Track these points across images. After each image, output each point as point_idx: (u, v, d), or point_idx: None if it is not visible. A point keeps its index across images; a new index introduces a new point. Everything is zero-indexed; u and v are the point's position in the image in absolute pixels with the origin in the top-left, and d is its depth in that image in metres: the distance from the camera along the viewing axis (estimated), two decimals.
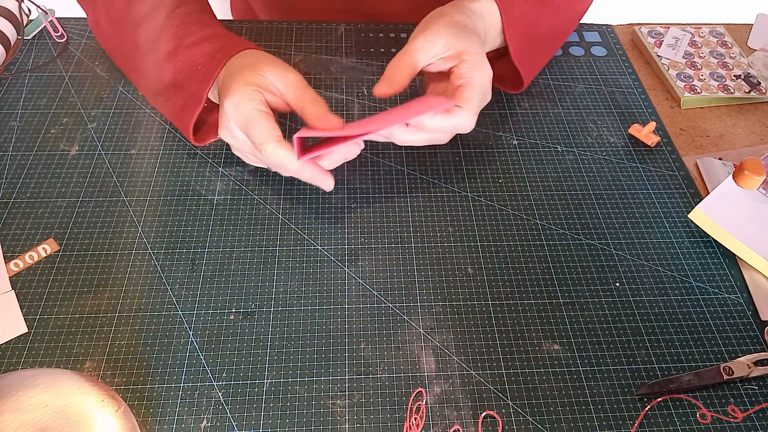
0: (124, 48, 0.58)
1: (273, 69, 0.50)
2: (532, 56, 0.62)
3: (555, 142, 0.62)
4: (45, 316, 0.47)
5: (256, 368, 0.45)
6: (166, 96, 0.55)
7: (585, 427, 0.43)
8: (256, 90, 0.49)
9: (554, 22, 0.63)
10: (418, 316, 0.48)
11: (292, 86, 0.50)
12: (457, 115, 0.51)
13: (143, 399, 0.43)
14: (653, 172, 0.60)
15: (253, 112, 0.48)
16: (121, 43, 0.58)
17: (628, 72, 0.70)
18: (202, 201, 0.55)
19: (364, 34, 0.73)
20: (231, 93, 0.49)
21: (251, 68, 0.50)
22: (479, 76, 0.52)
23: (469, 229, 0.54)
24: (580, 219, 0.56)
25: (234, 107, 0.48)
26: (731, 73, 0.69)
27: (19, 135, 0.59)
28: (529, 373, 0.46)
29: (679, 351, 0.47)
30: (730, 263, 0.53)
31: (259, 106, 0.48)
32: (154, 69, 0.55)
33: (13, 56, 0.67)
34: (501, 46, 0.60)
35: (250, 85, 0.49)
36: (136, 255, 0.51)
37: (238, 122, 0.49)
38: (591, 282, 0.51)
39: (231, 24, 0.73)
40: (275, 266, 0.51)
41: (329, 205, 0.56)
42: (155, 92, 0.57)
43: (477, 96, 0.51)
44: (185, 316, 0.48)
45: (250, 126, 0.48)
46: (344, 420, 0.43)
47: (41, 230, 0.52)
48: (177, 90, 0.54)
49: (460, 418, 0.43)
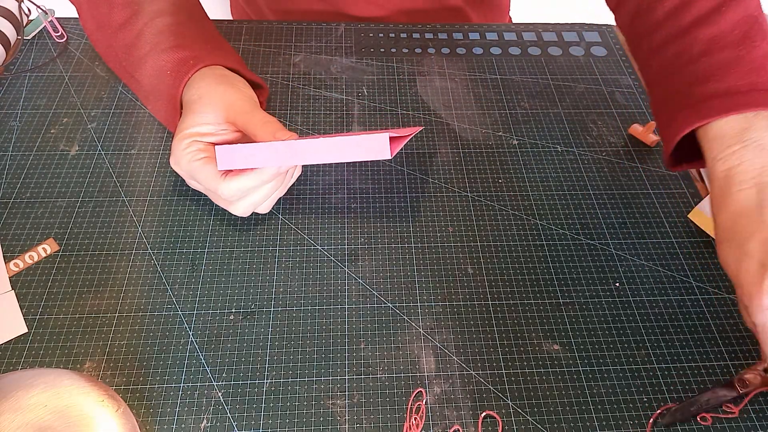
0: (111, 52, 0.58)
1: (213, 104, 0.49)
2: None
3: (555, 142, 0.62)
4: (45, 316, 0.47)
5: (256, 368, 0.45)
6: (152, 103, 0.56)
7: (585, 427, 0.43)
8: (191, 142, 0.49)
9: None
10: (418, 316, 0.49)
11: (239, 115, 0.49)
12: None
13: (143, 399, 0.43)
14: (653, 172, 0.60)
15: (193, 165, 0.48)
16: (107, 48, 0.59)
17: (628, 72, 0.70)
18: (202, 201, 0.55)
19: (364, 34, 0.73)
20: (172, 149, 0.49)
21: (193, 109, 0.50)
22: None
23: (469, 229, 0.54)
24: (580, 219, 0.56)
25: (176, 165, 0.49)
26: None
27: (19, 135, 0.59)
28: (529, 373, 0.46)
29: (679, 351, 0.47)
30: None
31: (196, 156, 0.48)
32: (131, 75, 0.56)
33: (13, 56, 0.67)
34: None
35: (185, 139, 0.49)
36: (136, 255, 0.51)
37: (185, 176, 0.50)
38: (591, 282, 0.51)
39: (231, 24, 0.73)
40: (275, 266, 0.51)
41: (329, 205, 0.56)
42: (142, 97, 0.57)
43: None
44: (185, 316, 0.48)
45: (196, 177, 0.49)
46: (344, 420, 0.43)
47: (41, 230, 0.52)
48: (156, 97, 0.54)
49: (460, 418, 0.43)
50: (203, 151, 0.49)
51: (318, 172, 0.58)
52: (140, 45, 0.54)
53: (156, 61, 0.53)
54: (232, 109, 0.50)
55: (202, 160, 0.48)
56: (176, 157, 0.49)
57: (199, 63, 0.52)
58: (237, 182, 0.47)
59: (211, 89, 0.51)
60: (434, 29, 0.75)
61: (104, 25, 0.57)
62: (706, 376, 0.46)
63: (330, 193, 0.56)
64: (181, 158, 0.49)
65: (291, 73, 0.67)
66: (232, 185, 0.47)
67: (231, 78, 0.53)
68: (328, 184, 0.57)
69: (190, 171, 0.49)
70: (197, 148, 0.49)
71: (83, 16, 0.60)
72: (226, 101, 0.50)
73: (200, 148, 0.49)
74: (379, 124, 0.62)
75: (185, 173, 0.50)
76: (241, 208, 0.50)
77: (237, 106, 0.50)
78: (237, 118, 0.49)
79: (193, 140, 0.49)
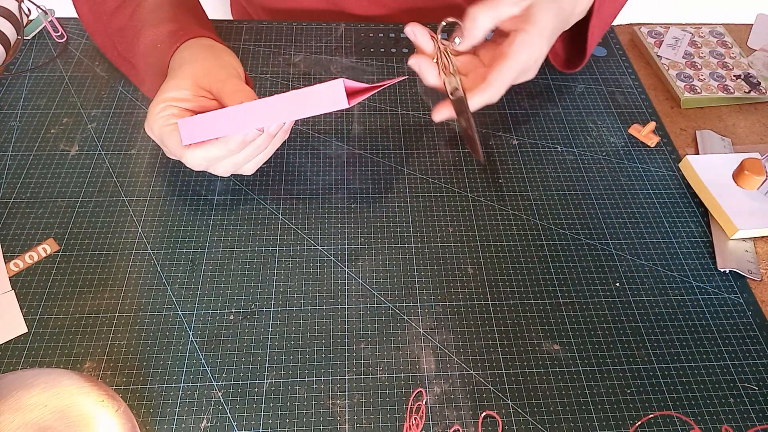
0: (107, 40, 0.59)
1: (193, 71, 0.49)
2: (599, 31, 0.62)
3: (555, 142, 0.62)
4: (45, 316, 0.47)
5: (256, 368, 0.45)
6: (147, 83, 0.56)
7: (585, 427, 0.43)
8: (165, 106, 0.48)
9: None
10: (418, 316, 0.48)
11: (215, 83, 0.49)
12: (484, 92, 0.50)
13: (143, 399, 0.43)
14: (653, 172, 0.60)
15: (163, 129, 0.48)
16: (104, 37, 0.59)
17: (628, 72, 0.70)
18: (202, 201, 0.55)
19: (364, 34, 0.73)
20: (147, 113, 0.49)
21: (173, 75, 0.50)
22: (526, 53, 0.51)
23: (469, 229, 0.54)
24: (580, 219, 0.56)
25: (149, 128, 0.49)
26: (731, 73, 0.69)
27: (19, 135, 0.59)
28: (529, 373, 0.46)
29: (679, 351, 0.47)
30: None
31: (167, 121, 0.48)
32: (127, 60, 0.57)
33: (13, 56, 0.67)
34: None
35: (160, 103, 0.48)
36: (136, 255, 0.51)
37: (158, 141, 0.50)
38: (591, 282, 0.51)
39: (231, 24, 0.73)
40: (275, 266, 0.51)
41: (329, 205, 0.56)
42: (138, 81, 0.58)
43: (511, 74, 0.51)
44: (185, 316, 0.48)
45: (165, 143, 0.49)
46: (344, 420, 0.43)
47: (41, 230, 0.52)
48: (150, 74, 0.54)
49: (460, 418, 0.43)
50: (176, 116, 0.48)
51: (318, 172, 0.58)
52: (133, 25, 0.55)
53: (147, 37, 0.53)
54: (208, 76, 0.49)
55: (172, 126, 0.48)
56: (150, 120, 0.49)
57: (189, 34, 0.52)
58: (202, 151, 0.47)
59: (193, 57, 0.50)
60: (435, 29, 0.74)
61: (99, 12, 0.58)
62: (706, 376, 0.46)
63: (330, 193, 0.56)
64: (154, 122, 0.48)
65: (291, 73, 0.67)
66: (197, 153, 0.47)
67: (217, 48, 0.52)
68: (328, 184, 0.57)
69: (161, 136, 0.48)
70: (170, 113, 0.48)
71: (80, 9, 0.61)
72: (205, 68, 0.50)
73: (173, 113, 0.48)
74: (379, 124, 0.62)
75: (157, 138, 0.49)
76: (220, 170, 0.50)
77: (213, 74, 0.49)
78: (212, 85, 0.49)
79: (168, 104, 0.48)
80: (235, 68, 0.52)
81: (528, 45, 0.51)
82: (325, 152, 0.60)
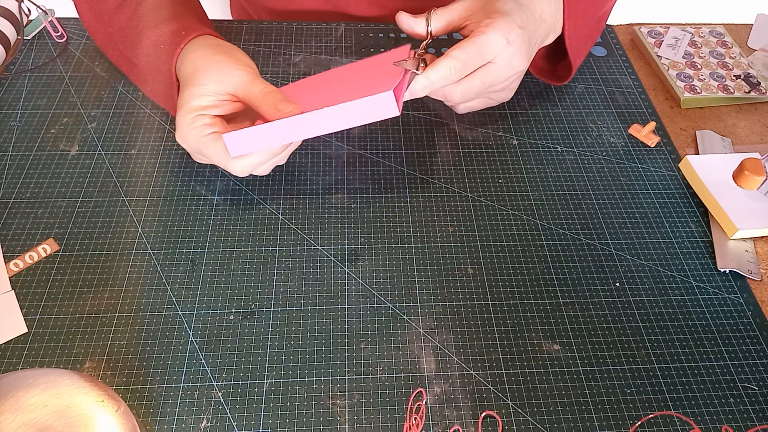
0: (108, 40, 0.59)
1: (213, 75, 0.49)
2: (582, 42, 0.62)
3: (555, 142, 0.62)
4: (45, 316, 0.47)
5: (256, 368, 0.45)
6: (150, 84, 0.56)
7: (585, 427, 0.43)
8: (196, 116, 0.48)
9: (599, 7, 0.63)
10: (418, 316, 0.48)
11: (239, 86, 0.49)
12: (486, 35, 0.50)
13: (143, 399, 0.43)
14: (653, 172, 0.60)
15: (201, 140, 0.48)
16: (105, 36, 0.59)
17: (628, 72, 0.70)
18: (202, 201, 0.55)
19: (364, 34, 0.73)
20: (177, 125, 0.49)
21: (192, 81, 0.49)
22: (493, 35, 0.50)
23: (469, 229, 0.54)
24: (580, 219, 0.56)
25: (183, 140, 0.49)
26: (731, 73, 0.69)
27: (19, 135, 0.59)
28: (529, 373, 0.46)
29: (679, 351, 0.47)
30: None
31: (203, 132, 0.48)
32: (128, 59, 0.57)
33: (13, 56, 0.67)
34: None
35: (189, 113, 0.48)
36: (136, 255, 0.51)
37: (193, 152, 0.50)
38: (591, 282, 0.51)
39: (231, 24, 0.73)
40: (275, 266, 0.51)
41: (329, 205, 0.56)
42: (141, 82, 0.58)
43: (465, 56, 0.50)
44: (185, 316, 0.48)
45: (205, 153, 0.49)
46: (344, 420, 0.43)
47: (41, 230, 0.52)
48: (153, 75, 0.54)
49: (460, 418, 0.43)
50: (210, 126, 0.48)
51: (318, 172, 0.58)
52: (134, 24, 0.55)
53: (150, 37, 0.53)
54: (232, 80, 0.49)
55: (210, 136, 0.48)
56: (183, 132, 0.48)
57: (192, 32, 0.52)
58: (247, 159, 0.48)
59: (207, 60, 0.50)
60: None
61: (100, 12, 0.58)
62: (706, 376, 0.46)
63: (330, 193, 0.56)
64: (188, 134, 0.48)
65: (291, 73, 0.67)
66: (241, 162, 0.48)
67: (227, 47, 0.52)
68: (328, 184, 0.57)
69: (199, 147, 0.48)
70: (203, 123, 0.48)
71: (80, 8, 0.61)
72: (225, 72, 0.49)
73: (206, 123, 0.48)
74: (379, 124, 0.62)
75: (193, 149, 0.49)
76: (261, 171, 0.51)
77: (236, 77, 0.49)
78: (237, 89, 0.49)
79: (198, 114, 0.48)
80: (250, 66, 0.51)
81: (494, 28, 0.50)
82: (325, 152, 0.60)
